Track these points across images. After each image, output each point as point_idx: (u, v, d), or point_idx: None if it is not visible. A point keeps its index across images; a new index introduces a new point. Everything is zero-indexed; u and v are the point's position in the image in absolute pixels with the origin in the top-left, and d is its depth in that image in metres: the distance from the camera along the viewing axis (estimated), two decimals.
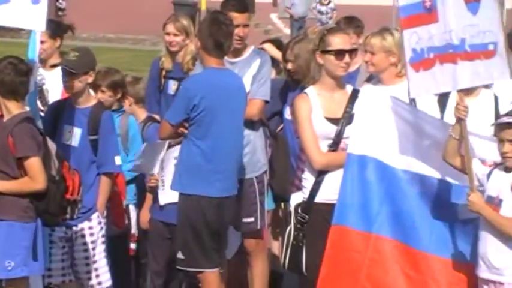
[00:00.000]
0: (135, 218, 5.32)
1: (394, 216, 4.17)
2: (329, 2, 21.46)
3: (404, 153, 4.22)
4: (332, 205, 4.17)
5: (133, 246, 5.41)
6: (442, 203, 4.15)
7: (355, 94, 4.37)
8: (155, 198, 5.05)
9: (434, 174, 4.17)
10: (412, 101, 4.30)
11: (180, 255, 4.55)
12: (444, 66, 4.00)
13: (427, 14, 4.03)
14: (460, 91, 3.99)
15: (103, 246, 4.78)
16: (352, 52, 4.44)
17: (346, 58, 4.34)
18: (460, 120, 3.84)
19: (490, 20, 3.98)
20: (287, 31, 22.78)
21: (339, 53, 4.32)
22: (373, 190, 4.20)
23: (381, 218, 4.18)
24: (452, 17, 4.01)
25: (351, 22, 5.94)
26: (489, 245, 3.77)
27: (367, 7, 19.95)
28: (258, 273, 5.09)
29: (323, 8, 21.44)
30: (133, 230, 5.35)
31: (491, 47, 3.96)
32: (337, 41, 4.35)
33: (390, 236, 4.17)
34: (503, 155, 3.73)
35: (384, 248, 4.18)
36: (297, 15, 22.03)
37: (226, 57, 4.74)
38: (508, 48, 4.06)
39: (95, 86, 5.05)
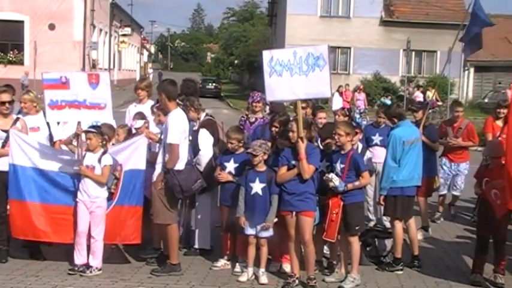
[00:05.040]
0: None
1: (39, 189, 7.12)
2: None
3: (34, 161, 7.14)
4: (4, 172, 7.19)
5: None
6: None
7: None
8: None
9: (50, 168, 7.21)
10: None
11: None
12: (71, 110, 7.05)
13: (62, 84, 7.04)
14: None
15: None
16: None
17: None
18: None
19: (104, 93, 7.08)
20: None
21: None
22: (22, 178, 7.10)
23: (26, 191, 7.06)
24: (79, 87, 7.06)
25: None
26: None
27: None
28: None
29: None
30: None
31: (102, 105, 7.06)
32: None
33: (35, 201, 7.12)
34: None
35: (29, 207, 7.12)
36: None
37: None
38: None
39: None
